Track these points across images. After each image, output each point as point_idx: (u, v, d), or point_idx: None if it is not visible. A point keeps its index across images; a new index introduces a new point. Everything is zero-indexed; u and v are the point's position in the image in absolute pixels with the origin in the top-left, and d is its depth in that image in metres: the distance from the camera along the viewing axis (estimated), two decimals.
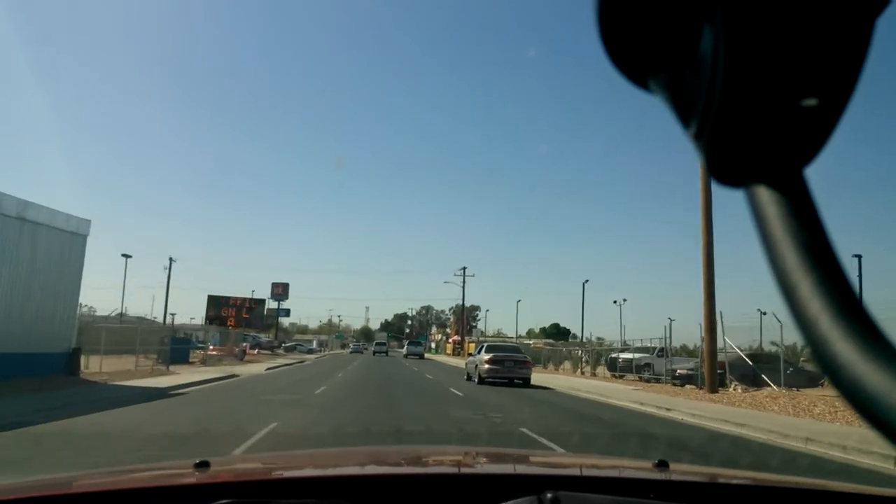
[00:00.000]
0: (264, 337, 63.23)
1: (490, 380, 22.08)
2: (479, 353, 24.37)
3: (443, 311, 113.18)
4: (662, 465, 1.89)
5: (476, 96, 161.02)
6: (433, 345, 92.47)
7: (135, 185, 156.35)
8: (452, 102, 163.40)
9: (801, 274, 0.36)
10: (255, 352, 42.87)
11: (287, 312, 67.97)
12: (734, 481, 1.87)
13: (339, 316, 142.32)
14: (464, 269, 71.09)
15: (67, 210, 18.34)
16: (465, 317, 70.35)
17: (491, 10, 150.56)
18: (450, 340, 77.49)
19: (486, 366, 22.19)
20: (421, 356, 62.44)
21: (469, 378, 24.91)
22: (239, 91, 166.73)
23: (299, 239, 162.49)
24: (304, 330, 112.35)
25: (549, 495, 1.29)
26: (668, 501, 1.50)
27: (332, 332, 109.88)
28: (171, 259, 56.97)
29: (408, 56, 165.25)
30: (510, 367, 22.24)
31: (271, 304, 61.04)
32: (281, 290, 65.03)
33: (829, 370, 0.34)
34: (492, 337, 77.57)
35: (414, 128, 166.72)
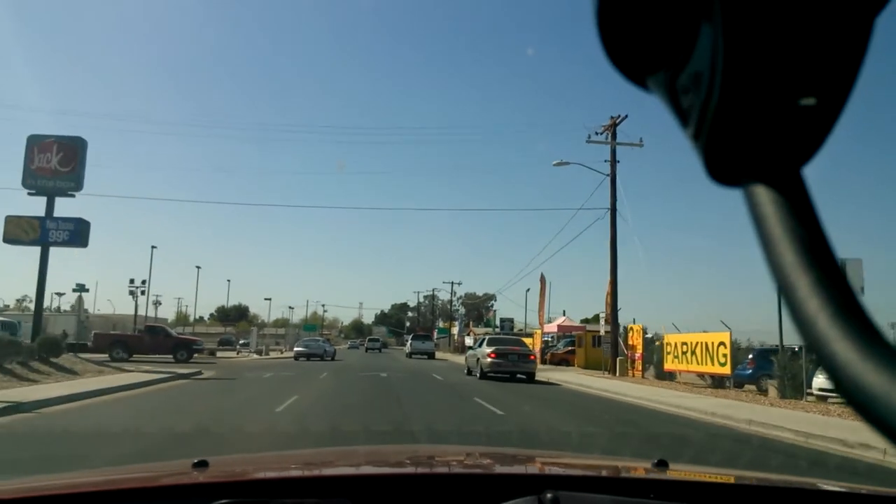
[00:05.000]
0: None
1: (492, 374, 21.17)
2: (479, 346, 23.37)
3: (450, 302, 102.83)
4: (662, 464, 1.87)
5: (472, 94, 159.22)
6: (470, 340, 45.51)
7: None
8: (450, 98, 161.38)
9: (800, 273, 0.36)
10: None
11: (79, 236, 20.65)
12: (734, 481, 1.90)
13: (323, 305, 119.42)
14: (615, 122, 26.04)
15: None
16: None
17: (489, 9, 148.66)
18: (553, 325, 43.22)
19: (489, 359, 21.27)
20: (431, 355, 46.63)
21: (469, 372, 23.92)
22: (233, 88, 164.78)
23: (285, 233, 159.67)
24: (283, 323, 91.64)
25: (548, 495, 1.29)
26: (668, 501, 1.51)
27: (305, 325, 78.13)
28: None
29: (402, 52, 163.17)
30: (514, 360, 21.33)
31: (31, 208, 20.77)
32: (60, 159, 20.71)
33: (827, 369, 0.34)
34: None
35: (411, 125, 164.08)
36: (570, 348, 36.08)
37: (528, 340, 39.44)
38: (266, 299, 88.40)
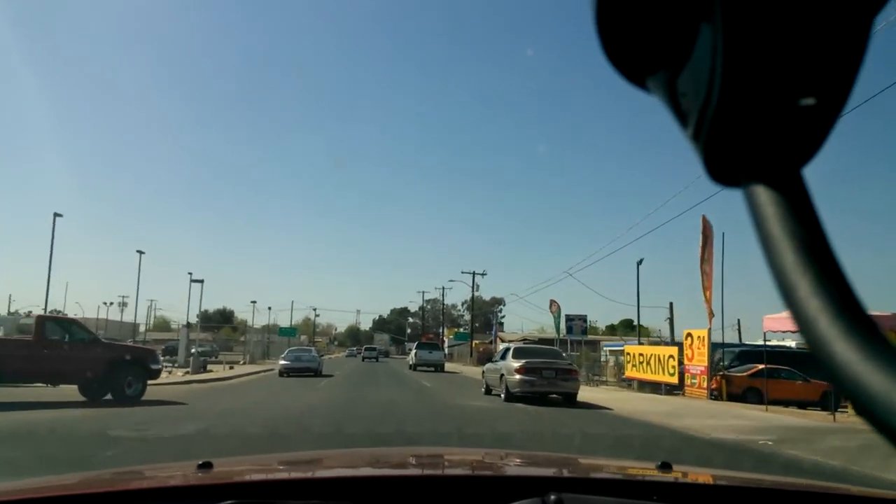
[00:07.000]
0: None
1: (522, 394, 16.39)
2: (503, 358, 18.37)
3: (454, 306, 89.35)
4: (665, 466, 1.87)
5: (475, 95, 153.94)
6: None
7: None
8: (450, 102, 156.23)
9: (800, 273, 0.36)
10: None
11: None
12: (737, 483, 1.92)
13: (314, 309, 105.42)
14: None
15: None
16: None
17: (489, 9, 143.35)
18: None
19: (518, 376, 16.39)
20: (439, 367, 38.60)
21: (488, 391, 19.09)
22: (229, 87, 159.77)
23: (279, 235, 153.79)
24: (274, 329, 76.29)
25: (552, 497, 1.29)
26: (672, 503, 1.52)
27: (280, 330, 66.75)
28: None
29: (401, 53, 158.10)
30: (550, 377, 16.45)
31: None
32: None
33: (828, 370, 0.34)
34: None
35: (413, 125, 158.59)
36: (756, 368, 19.48)
37: (662, 350, 22.58)
38: (196, 281, 46.22)
